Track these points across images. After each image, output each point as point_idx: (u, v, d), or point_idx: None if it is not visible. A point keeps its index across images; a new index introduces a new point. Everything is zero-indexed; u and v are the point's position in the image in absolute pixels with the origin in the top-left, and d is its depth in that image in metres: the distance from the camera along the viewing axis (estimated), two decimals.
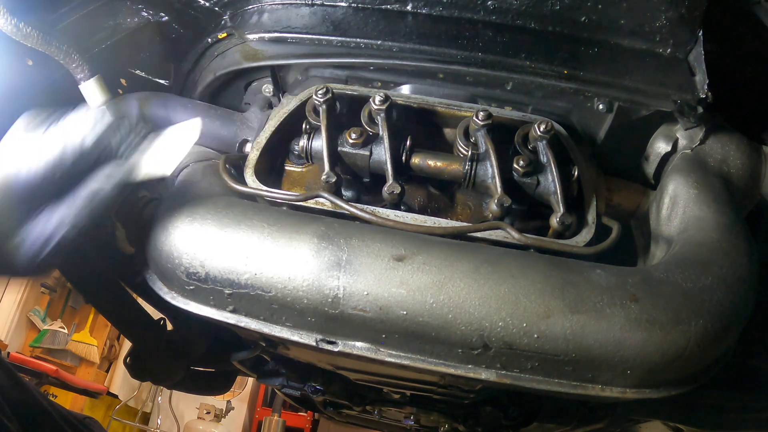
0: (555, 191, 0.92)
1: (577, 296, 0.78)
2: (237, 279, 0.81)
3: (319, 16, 1.01)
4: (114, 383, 5.80)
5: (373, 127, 0.98)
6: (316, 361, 1.48)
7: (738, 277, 0.82)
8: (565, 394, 0.82)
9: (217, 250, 0.82)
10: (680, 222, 0.92)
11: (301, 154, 1.00)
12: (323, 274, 0.80)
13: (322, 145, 0.96)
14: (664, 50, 0.97)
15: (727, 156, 0.99)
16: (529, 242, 0.88)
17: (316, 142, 0.98)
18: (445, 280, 0.78)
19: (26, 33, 0.91)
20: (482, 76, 1.00)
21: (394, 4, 0.99)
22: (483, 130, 0.95)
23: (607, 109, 0.98)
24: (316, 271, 0.80)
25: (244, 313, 0.85)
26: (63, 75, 1.01)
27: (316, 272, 0.80)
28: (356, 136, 0.97)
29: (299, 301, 0.80)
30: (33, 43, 0.93)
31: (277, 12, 1.04)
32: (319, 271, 0.80)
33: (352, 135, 0.97)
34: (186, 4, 1.08)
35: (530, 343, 0.77)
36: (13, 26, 0.89)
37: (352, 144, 0.97)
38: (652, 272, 0.82)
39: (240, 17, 1.07)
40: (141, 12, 1.10)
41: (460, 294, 0.78)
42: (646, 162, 1.05)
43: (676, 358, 0.77)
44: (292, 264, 0.80)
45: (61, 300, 5.53)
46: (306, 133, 1.01)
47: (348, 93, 1.02)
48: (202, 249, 0.83)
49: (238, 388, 5.91)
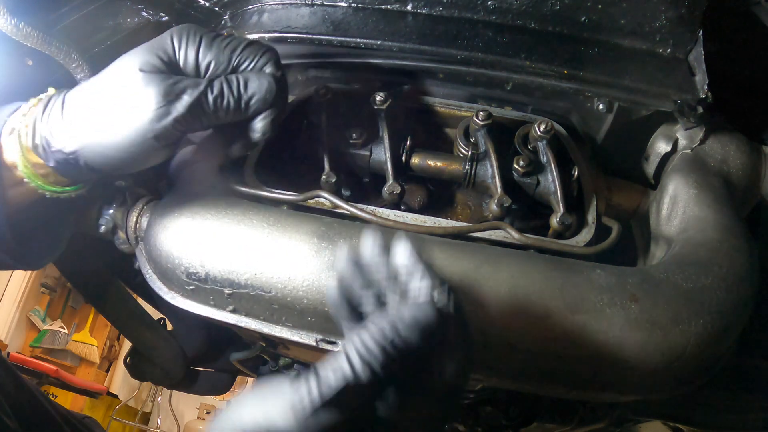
0: (555, 191, 0.92)
1: (577, 296, 0.78)
2: (237, 279, 0.81)
3: (319, 16, 1.01)
4: (114, 383, 5.80)
5: (372, 127, 0.98)
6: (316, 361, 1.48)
7: (738, 277, 0.82)
8: (565, 394, 0.82)
9: (218, 250, 0.82)
10: (680, 222, 0.92)
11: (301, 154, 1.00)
12: (323, 274, 0.80)
13: (322, 145, 0.96)
14: (664, 50, 0.97)
15: (727, 156, 0.99)
16: (529, 242, 0.88)
17: (316, 142, 0.98)
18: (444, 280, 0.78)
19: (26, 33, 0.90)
20: (482, 76, 1.00)
21: (394, 4, 0.99)
22: (483, 130, 0.95)
23: (607, 109, 0.98)
24: (316, 271, 0.80)
25: (244, 313, 0.85)
26: (63, 75, 1.01)
27: (316, 272, 0.80)
28: (356, 136, 0.97)
29: (299, 301, 0.80)
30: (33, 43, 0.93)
31: (277, 12, 1.04)
32: (319, 271, 0.80)
33: (352, 135, 0.97)
34: (186, 4, 1.08)
35: (530, 343, 0.77)
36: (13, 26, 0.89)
37: (352, 144, 0.97)
38: (652, 272, 0.82)
39: (240, 17, 1.07)
40: (141, 12, 1.10)
41: (459, 294, 0.77)
42: (646, 162, 1.06)
43: (676, 358, 0.77)
44: (292, 264, 0.80)
45: (61, 300, 5.53)
46: (306, 132, 1.01)
47: (348, 93, 1.02)
48: (202, 249, 0.83)
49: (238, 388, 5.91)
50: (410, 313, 0.55)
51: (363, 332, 0.54)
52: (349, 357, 0.52)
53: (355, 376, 0.51)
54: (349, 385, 0.51)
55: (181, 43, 0.76)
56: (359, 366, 0.51)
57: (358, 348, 0.52)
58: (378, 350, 0.52)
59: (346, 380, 0.51)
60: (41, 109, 0.78)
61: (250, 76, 0.77)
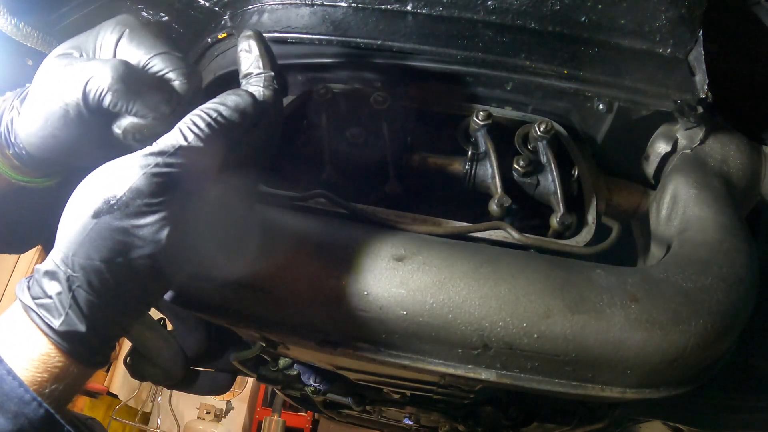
0: (555, 191, 0.92)
1: (577, 296, 0.78)
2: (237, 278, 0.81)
3: (319, 16, 1.01)
4: (114, 383, 5.79)
5: (372, 127, 0.98)
6: (316, 361, 1.48)
7: (738, 277, 0.82)
8: (565, 394, 0.82)
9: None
10: (680, 222, 0.92)
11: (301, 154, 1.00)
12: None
13: (322, 145, 0.96)
14: (664, 50, 0.97)
15: (727, 156, 0.99)
16: (529, 242, 0.88)
17: (316, 142, 0.98)
18: (445, 280, 0.78)
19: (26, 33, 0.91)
20: (482, 76, 1.00)
21: (394, 4, 0.99)
22: (483, 130, 0.96)
23: (607, 109, 0.98)
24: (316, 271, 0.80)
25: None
26: None
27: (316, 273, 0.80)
28: (356, 136, 0.97)
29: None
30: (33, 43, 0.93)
31: (277, 12, 1.04)
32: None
33: (352, 135, 0.97)
34: (186, 4, 1.08)
35: (530, 343, 0.77)
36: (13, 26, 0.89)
37: (352, 144, 0.97)
38: (652, 272, 0.82)
39: (240, 17, 1.07)
40: (141, 12, 1.10)
41: (460, 294, 0.78)
42: (646, 162, 1.06)
43: (676, 358, 0.77)
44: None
45: None
46: (306, 132, 1.01)
47: (348, 93, 1.02)
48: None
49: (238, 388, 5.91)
50: (233, 98, 0.71)
51: (193, 111, 0.69)
52: (179, 128, 0.67)
53: (185, 138, 0.66)
54: (182, 146, 0.65)
55: (98, 35, 0.76)
56: (189, 133, 0.66)
57: (187, 122, 0.67)
58: (204, 124, 0.67)
59: (179, 143, 0.65)
60: (11, 99, 0.79)
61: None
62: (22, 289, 0.65)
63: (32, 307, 0.63)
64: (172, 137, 0.66)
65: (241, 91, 0.73)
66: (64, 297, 0.62)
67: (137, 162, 0.63)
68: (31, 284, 0.64)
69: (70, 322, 0.62)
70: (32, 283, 0.64)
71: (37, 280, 0.64)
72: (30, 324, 0.63)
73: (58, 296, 0.62)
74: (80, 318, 0.62)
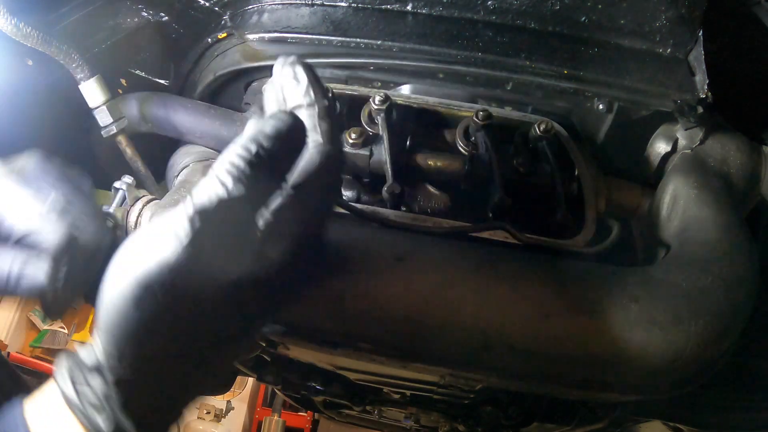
0: (555, 191, 0.92)
1: (577, 296, 0.78)
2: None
3: (319, 16, 1.01)
4: None
5: (373, 127, 0.98)
6: (316, 361, 1.48)
7: (738, 277, 0.82)
8: (565, 394, 0.82)
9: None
10: (680, 222, 0.92)
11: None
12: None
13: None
14: (664, 50, 0.97)
15: (727, 156, 0.99)
16: (529, 242, 0.88)
17: None
18: (445, 280, 0.78)
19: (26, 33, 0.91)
20: (482, 76, 1.00)
21: (394, 4, 0.99)
22: (483, 130, 0.95)
23: (607, 109, 0.98)
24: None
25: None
26: (63, 75, 1.01)
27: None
28: (356, 136, 0.97)
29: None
30: (33, 43, 0.93)
31: (277, 12, 1.04)
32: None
33: (352, 135, 0.97)
34: (186, 4, 1.08)
35: (530, 344, 0.77)
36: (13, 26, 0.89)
37: (352, 144, 0.97)
38: (652, 272, 0.82)
39: (240, 17, 1.07)
40: (141, 12, 1.10)
41: (460, 294, 0.78)
42: (646, 162, 1.06)
43: (676, 358, 0.77)
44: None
45: None
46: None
47: (348, 93, 1.02)
48: None
49: (238, 388, 5.91)
50: (271, 123, 0.56)
51: (228, 150, 0.55)
52: (218, 176, 0.53)
53: (227, 191, 0.52)
54: (222, 200, 0.51)
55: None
56: (229, 182, 0.52)
57: (226, 166, 0.53)
58: (244, 164, 0.53)
59: (219, 198, 0.52)
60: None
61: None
62: (64, 379, 0.56)
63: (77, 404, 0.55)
64: (210, 186, 0.53)
65: (280, 112, 0.60)
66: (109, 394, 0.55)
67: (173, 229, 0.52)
68: (75, 375, 0.56)
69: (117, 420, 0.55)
70: (75, 374, 0.56)
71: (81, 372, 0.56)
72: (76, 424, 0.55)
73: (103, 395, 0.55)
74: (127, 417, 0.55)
